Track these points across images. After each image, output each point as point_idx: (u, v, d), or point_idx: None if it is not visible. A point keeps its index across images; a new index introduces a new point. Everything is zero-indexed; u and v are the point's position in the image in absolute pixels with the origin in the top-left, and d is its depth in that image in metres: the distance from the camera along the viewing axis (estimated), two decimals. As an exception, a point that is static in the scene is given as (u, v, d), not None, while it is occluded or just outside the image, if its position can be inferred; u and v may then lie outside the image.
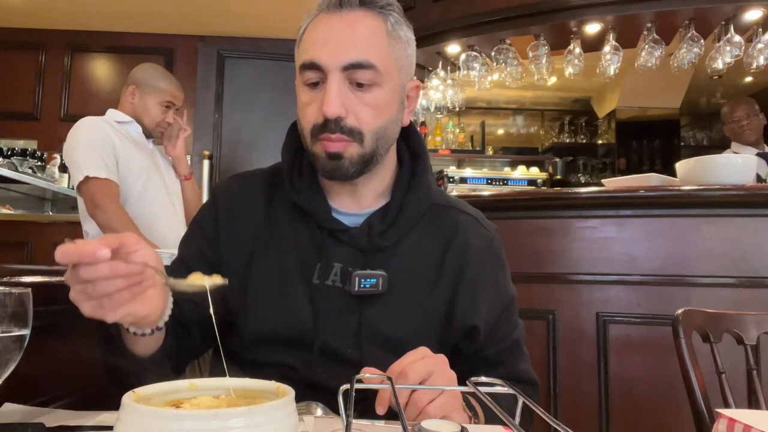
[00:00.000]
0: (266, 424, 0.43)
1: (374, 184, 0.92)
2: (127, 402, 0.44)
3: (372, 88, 0.84)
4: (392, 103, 0.87)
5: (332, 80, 0.82)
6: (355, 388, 0.52)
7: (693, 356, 1.08)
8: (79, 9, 4.43)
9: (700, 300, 1.71)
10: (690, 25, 2.45)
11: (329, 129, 0.82)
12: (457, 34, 2.70)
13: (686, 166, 1.90)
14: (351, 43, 0.82)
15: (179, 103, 2.35)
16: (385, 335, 0.86)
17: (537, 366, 1.00)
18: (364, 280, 0.86)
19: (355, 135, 0.84)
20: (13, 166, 3.90)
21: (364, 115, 0.84)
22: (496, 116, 5.77)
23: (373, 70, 0.82)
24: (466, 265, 0.91)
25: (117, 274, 0.62)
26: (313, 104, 0.84)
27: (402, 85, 0.89)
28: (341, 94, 0.82)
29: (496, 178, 4.85)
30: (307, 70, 0.84)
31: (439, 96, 3.21)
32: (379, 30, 0.85)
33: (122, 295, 0.64)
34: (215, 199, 0.97)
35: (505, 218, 1.96)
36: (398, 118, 0.90)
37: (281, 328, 0.86)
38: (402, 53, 0.88)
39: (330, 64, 0.82)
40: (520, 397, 0.54)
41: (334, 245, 0.89)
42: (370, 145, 0.85)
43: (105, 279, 0.62)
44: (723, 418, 0.57)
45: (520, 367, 0.94)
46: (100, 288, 0.62)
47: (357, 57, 0.82)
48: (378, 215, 0.91)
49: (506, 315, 0.94)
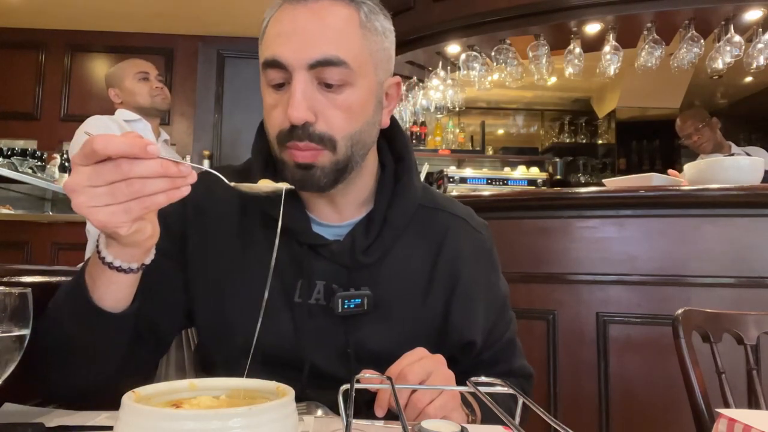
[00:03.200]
0: (266, 424, 0.43)
1: (354, 193, 0.84)
2: (127, 402, 0.44)
3: (344, 88, 0.74)
4: (368, 103, 0.78)
5: (297, 80, 0.72)
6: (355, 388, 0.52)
7: (693, 356, 1.08)
8: (79, 9, 4.43)
9: (700, 300, 1.71)
10: (690, 25, 2.45)
11: (296, 136, 0.74)
12: (457, 34, 2.70)
13: (695, 167, 1.91)
14: (318, 36, 0.73)
15: (152, 71, 2.46)
16: (375, 353, 0.80)
17: (537, 366, 1.01)
18: (347, 301, 0.79)
19: (326, 142, 0.75)
20: (13, 166, 3.90)
21: (336, 119, 0.75)
22: (496, 116, 5.77)
23: (344, 67, 0.73)
24: (459, 274, 0.86)
25: (166, 173, 0.57)
26: (278, 107, 0.76)
27: (379, 83, 0.80)
28: (308, 97, 0.73)
29: (496, 178, 4.85)
30: (269, 69, 0.75)
31: (439, 96, 3.20)
32: (351, 21, 0.75)
33: (158, 198, 0.58)
34: None
35: (505, 218, 1.96)
36: (375, 120, 0.81)
37: (265, 350, 0.77)
38: (378, 46, 0.78)
39: (294, 61, 0.72)
40: (520, 397, 0.54)
41: (316, 261, 0.81)
42: (344, 152, 0.76)
43: (149, 178, 0.57)
44: (723, 418, 0.57)
45: (515, 364, 0.94)
46: (138, 187, 0.57)
47: (325, 53, 0.72)
48: (361, 228, 0.83)
49: (501, 316, 0.93)
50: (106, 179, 0.57)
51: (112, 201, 0.58)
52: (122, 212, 0.58)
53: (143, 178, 0.57)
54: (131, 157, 0.56)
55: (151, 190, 0.58)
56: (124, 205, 0.58)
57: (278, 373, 0.71)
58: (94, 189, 0.57)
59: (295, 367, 0.80)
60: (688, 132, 3.41)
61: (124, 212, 0.58)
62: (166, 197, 0.59)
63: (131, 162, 0.56)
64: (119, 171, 0.57)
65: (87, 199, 0.58)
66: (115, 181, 0.57)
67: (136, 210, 0.59)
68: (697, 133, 3.37)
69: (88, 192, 0.58)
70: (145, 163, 0.57)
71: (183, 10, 4.41)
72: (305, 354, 0.81)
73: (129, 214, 0.59)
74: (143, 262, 0.69)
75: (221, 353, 0.83)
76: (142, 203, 0.58)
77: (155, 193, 0.58)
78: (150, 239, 0.66)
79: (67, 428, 0.64)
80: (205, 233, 0.84)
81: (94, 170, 0.57)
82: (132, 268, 0.68)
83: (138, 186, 0.57)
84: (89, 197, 0.58)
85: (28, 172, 4.00)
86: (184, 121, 4.85)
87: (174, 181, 0.58)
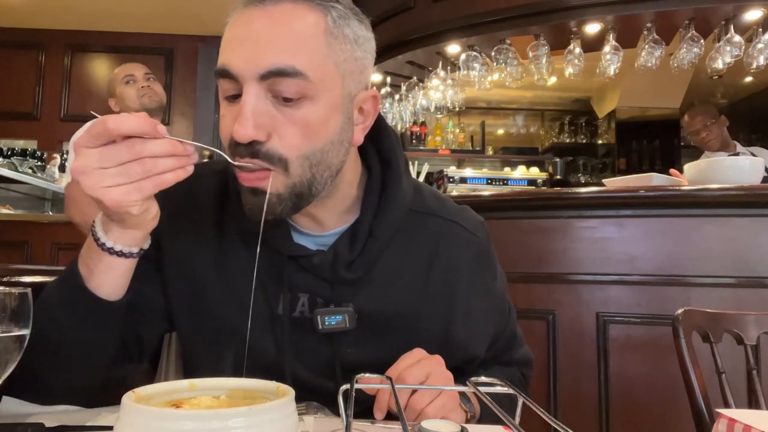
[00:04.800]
0: (266, 424, 0.43)
1: (333, 205, 0.77)
2: (127, 402, 0.44)
3: (302, 103, 0.66)
4: (331, 120, 0.68)
5: (248, 93, 0.64)
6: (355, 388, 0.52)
7: (693, 356, 1.08)
8: (79, 9, 4.43)
9: (700, 300, 1.71)
10: (690, 25, 2.45)
11: (239, 153, 0.66)
12: (457, 34, 2.70)
13: (695, 167, 1.91)
14: (271, 43, 0.65)
15: (138, 71, 2.41)
16: (363, 368, 0.74)
17: (537, 366, 1.01)
18: (328, 317, 0.74)
19: (275, 162, 0.66)
20: (13, 166, 3.90)
21: (292, 138, 0.66)
22: (496, 116, 5.77)
23: (300, 78, 0.64)
24: (456, 286, 0.81)
25: (174, 152, 0.59)
26: (228, 117, 0.68)
27: (348, 96, 0.70)
28: (259, 112, 0.65)
29: (496, 178, 4.85)
30: (221, 79, 0.67)
31: (439, 96, 3.21)
32: (315, 27, 0.66)
33: (167, 177, 0.60)
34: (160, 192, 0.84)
35: (505, 218, 1.96)
36: (343, 138, 0.71)
37: (245, 362, 0.74)
38: (348, 56, 0.69)
39: (244, 71, 0.64)
40: (520, 397, 0.54)
41: (297, 273, 0.76)
42: (299, 174, 0.67)
43: (160, 157, 0.59)
44: (723, 418, 0.57)
45: (516, 355, 0.94)
46: (150, 166, 0.58)
47: (277, 62, 0.64)
48: (344, 241, 0.77)
49: (501, 316, 0.91)
50: (118, 159, 0.58)
51: (125, 180, 0.59)
52: (135, 191, 0.59)
53: (154, 158, 0.58)
54: (143, 136, 0.58)
55: (162, 169, 0.59)
56: (136, 183, 0.59)
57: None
58: (105, 170, 0.58)
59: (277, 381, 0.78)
60: (696, 128, 3.39)
61: (137, 191, 0.59)
62: (174, 176, 0.60)
63: (143, 141, 0.58)
64: (132, 151, 0.58)
65: (99, 179, 0.58)
66: (128, 161, 0.58)
67: (149, 188, 0.60)
68: (706, 130, 3.35)
69: (99, 174, 0.58)
70: (155, 142, 0.58)
71: (183, 10, 4.41)
72: (286, 368, 0.77)
73: (142, 193, 0.60)
74: (142, 246, 0.70)
75: (204, 364, 0.80)
76: (153, 181, 0.60)
77: (165, 172, 0.60)
78: (153, 220, 0.67)
79: (67, 428, 0.64)
80: (179, 234, 0.79)
81: (104, 151, 0.58)
82: (132, 252, 0.68)
83: (150, 165, 0.58)
84: (101, 178, 0.58)
85: (28, 172, 4.00)
86: (184, 121, 4.85)
87: (180, 160, 0.60)
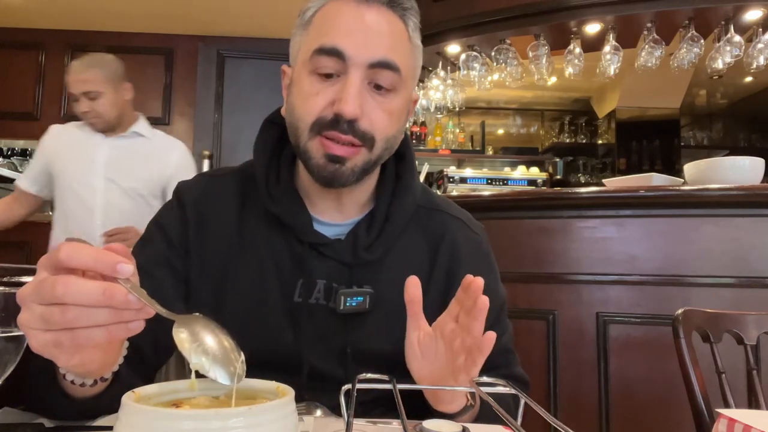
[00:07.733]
0: (266, 424, 0.43)
1: (360, 192, 0.85)
2: (127, 402, 0.44)
3: (390, 93, 0.77)
4: (403, 111, 0.81)
5: (355, 75, 0.73)
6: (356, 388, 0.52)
7: (693, 356, 1.08)
8: (79, 9, 4.43)
9: (700, 300, 1.71)
10: (690, 25, 2.46)
11: (341, 129, 0.73)
12: (457, 34, 2.71)
13: (695, 167, 1.92)
14: (380, 39, 0.75)
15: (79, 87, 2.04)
16: (373, 353, 0.80)
17: (537, 366, 1.01)
18: (350, 298, 0.79)
19: (366, 140, 0.76)
20: (13, 166, 3.90)
21: (379, 121, 0.76)
22: (496, 116, 5.77)
23: (396, 73, 0.75)
24: (456, 274, 0.85)
25: (109, 303, 0.45)
26: (320, 96, 0.74)
27: (411, 95, 0.83)
28: (361, 94, 0.74)
29: (496, 178, 4.85)
30: (323, 56, 0.74)
31: (439, 96, 3.21)
32: (403, 33, 0.79)
33: (95, 333, 0.46)
34: (182, 203, 0.85)
35: (505, 218, 1.97)
36: (404, 128, 0.83)
37: (263, 352, 0.72)
38: (417, 62, 0.83)
39: (356, 56, 0.73)
40: (521, 397, 0.54)
41: (317, 260, 0.81)
42: (377, 153, 0.78)
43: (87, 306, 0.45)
44: (723, 418, 0.57)
45: (514, 371, 0.94)
46: (73, 316, 0.45)
47: (386, 55, 0.74)
48: (363, 226, 0.83)
49: (497, 320, 0.91)
50: (43, 297, 0.45)
51: (42, 326, 0.46)
52: (52, 344, 0.47)
53: (79, 306, 0.45)
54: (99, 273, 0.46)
55: (88, 322, 0.46)
56: (54, 334, 0.46)
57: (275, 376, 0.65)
58: (33, 307, 0.46)
59: (293, 369, 0.79)
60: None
61: (53, 345, 0.47)
62: (105, 333, 0.46)
63: (72, 282, 0.44)
64: (53, 292, 0.45)
65: (28, 317, 0.47)
66: (49, 304, 0.45)
67: (67, 345, 0.47)
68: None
69: (30, 309, 0.46)
70: (86, 287, 0.44)
71: (183, 10, 4.41)
72: (304, 355, 0.80)
73: (60, 348, 0.47)
74: (102, 376, 0.59)
75: None
76: (74, 338, 0.46)
77: (93, 326, 0.46)
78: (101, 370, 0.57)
79: (67, 428, 0.64)
80: (206, 241, 0.82)
81: (41, 283, 0.46)
82: (85, 384, 0.58)
83: (73, 314, 0.45)
84: (29, 316, 0.46)
85: (28, 172, 4.00)
86: (184, 121, 4.85)
87: (120, 314, 0.46)
